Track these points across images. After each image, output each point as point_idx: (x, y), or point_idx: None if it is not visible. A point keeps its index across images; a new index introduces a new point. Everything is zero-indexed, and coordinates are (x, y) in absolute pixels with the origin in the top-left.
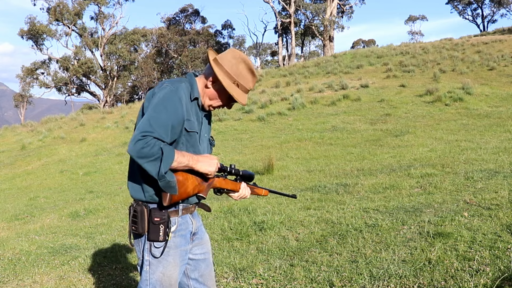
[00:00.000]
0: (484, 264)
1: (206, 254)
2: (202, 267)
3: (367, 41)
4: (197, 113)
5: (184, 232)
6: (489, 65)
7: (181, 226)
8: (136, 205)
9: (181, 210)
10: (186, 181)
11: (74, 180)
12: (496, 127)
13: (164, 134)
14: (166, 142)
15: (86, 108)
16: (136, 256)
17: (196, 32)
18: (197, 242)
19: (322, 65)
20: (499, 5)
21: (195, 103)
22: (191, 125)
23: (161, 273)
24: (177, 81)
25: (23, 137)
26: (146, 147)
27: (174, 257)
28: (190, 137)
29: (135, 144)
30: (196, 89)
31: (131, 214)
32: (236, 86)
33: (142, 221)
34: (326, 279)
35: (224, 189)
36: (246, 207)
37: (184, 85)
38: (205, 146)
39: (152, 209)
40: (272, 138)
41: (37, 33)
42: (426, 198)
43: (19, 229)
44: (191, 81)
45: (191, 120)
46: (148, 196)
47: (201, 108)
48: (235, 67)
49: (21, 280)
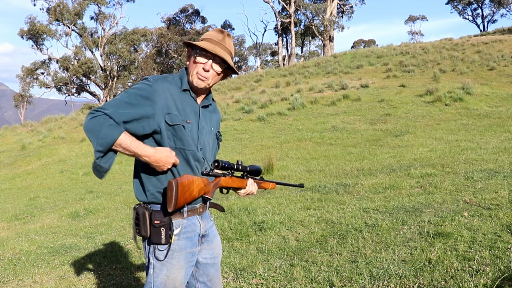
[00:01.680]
0: (484, 264)
1: (216, 259)
2: (211, 272)
3: (367, 41)
4: (193, 106)
5: (190, 235)
6: (489, 65)
7: (186, 228)
8: (138, 207)
9: (186, 211)
10: (191, 184)
11: (74, 180)
12: (496, 127)
13: (116, 115)
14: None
15: (86, 108)
16: (136, 256)
17: (196, 32)
18: (206, 245)
19: (322, 65)
20: (499, 5)
21: (187, 95)
22: (173, 118)
23: (165, 276)
24: (161, 76)
25: (23, 137)
26: (93, 119)
27: (179, 260)
28: (175, 130)
29: (86, 116)
30: (185, 81)
31: (134, 216)
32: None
33: (144, 224)
34: (326, 279)
35: (230, 187)
36: (246, 207)
37: (171, 78)
38: (206, 140)
39: (153, 211)
40: (272, 138)
41: (37, 33)
42: (426, 198)
43: (19, 229)
44: (181, 74)
45: (172, 114)
46: (150, 195)
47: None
48: (204, 35)
49: (21, 280)
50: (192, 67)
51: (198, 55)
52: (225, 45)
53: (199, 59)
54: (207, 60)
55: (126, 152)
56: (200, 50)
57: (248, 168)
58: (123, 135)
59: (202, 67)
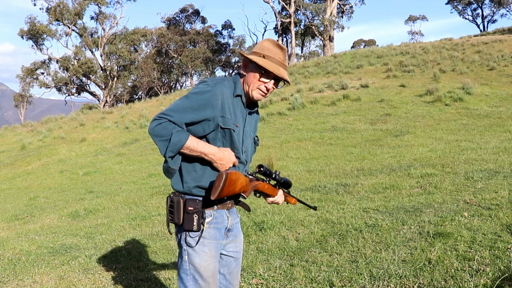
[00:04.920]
0: (484, 264)
1: (238, 254)
2: (233, 265)
3: (367, 41)
4: (241, 110)
5: (219, 226)
6: (489, 65)
7: (216, 219)
8: (173, 196)
9: (216, 204)
10: (237, 180)
11: (74, 180)
12: (496, 127)
13: (179, 121)
14: (181, 128)
15: (86, 108)
16: (136, 256)
17: (196, 32)
18: (231, 239)
19: (322, 65)
20: (499, 5)
21: (238, 100)
22: (226, 122)
23: (199, 263)
24: (219, 79)
25: (23, 137)
26: (159, 126)
27: (210, 247)
28: (225, 133)
29: (151, 122)
30: (240, 86)
31: (168, 204)
32: (262, 58)
33: (178, 211)
34: (326, 279)
35: (263, 192)
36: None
37: (227, 83)
38: (248, 144)
39: (187, 199)
40: (272, 138)
41: (37, 33)
42: (426, 198)
43: (19, 229)
44: (235, 79)
45: (226, 117)
46: (186, 187)
47: (246, 105)
48: (260, 45)
49: (21, 280)
50: (253, 81)
51: (262, 75)
52: (285, 64)
53: (263, 79)
54: (269, 79)
55: (192, 153)
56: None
57: (283, 179)
58: (190, 139)
59: (265, 85)
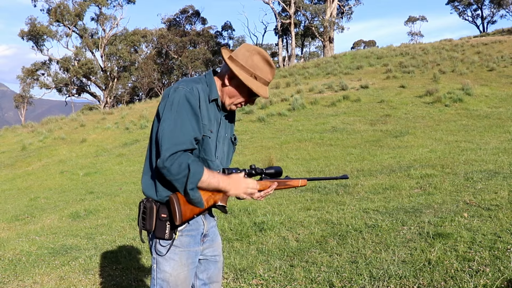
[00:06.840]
0: (484, 264)
1: (217, 257)
2: (211, 269)
3: (367, 41)
4: (215, 114)
5: (193, 233)
6: (489, 66)
7: (190, 226)
8: (146, 202)
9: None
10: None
11: (74, 180)
12: (496, 128)
13: (190, 143)
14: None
15: (86, 109)
16: (136, 257)
17: (196, 33)
18: (208, 244)
19: (322, 66)
20: (499, 6)
21: (213, 104)
22: (203, 128)
23: (168, 272)
24: (193, 81)
25: (24, 138)
26: (175, 164)
27: (181, 256)
28: (202, 140)
29: (163, 160)
30: (215, 89)
31: (141, 210)
32: (254, 79)
33: (150, 217)
34: (326, 280)
35: None
36: (246, 208)
37: (201, 86)
38: (223, 147)
39: (160, 205)
40: (272, 139)
41: (38, 34)
42: (426, 199)
43: (19, 230)
44: (209, 81)
45: (204, 124)
46: (159, 196)
47: (221, 108)
48: (250, 59)
49: (21, 281)
50: (235, 96)
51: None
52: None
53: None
54: (252, 97)
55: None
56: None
57: (265, 170)
58: (206, 173)
59: (245, 101)
